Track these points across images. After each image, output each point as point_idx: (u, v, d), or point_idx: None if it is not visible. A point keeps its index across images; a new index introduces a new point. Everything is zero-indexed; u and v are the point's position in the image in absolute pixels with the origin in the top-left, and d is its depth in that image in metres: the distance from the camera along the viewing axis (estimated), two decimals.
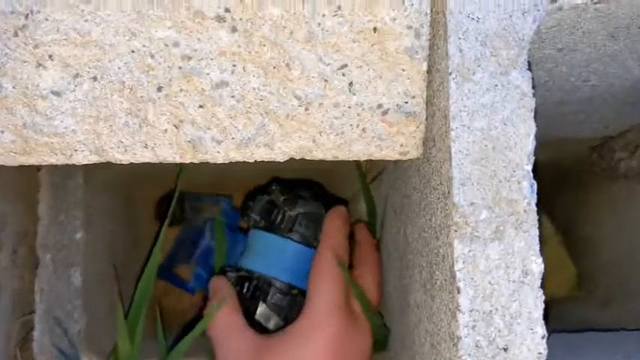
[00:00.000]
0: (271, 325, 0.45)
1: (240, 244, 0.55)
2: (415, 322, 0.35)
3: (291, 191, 0.49)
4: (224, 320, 0.43)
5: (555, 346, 0.44)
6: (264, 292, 0.45)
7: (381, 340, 0.43)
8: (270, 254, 0.47)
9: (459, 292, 0.26)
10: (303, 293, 0.44)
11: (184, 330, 0.46)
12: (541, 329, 0.26)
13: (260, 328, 0.44)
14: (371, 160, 0.51)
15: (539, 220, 0.28)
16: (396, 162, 0.41)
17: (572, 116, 0.48)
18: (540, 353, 0.26)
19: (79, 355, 0.46)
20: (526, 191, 0.27)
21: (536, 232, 0.27)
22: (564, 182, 0.66)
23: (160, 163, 0.39)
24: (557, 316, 0.60)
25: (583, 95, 0.42)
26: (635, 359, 0.41)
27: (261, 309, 0.45)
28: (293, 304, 0.45)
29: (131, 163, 0.52)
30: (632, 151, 0.53)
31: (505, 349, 0.26)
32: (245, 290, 0.46)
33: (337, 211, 0.46)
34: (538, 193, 0.27)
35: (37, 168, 0.49)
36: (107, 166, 0.52)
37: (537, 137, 0.28)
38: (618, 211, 0.59)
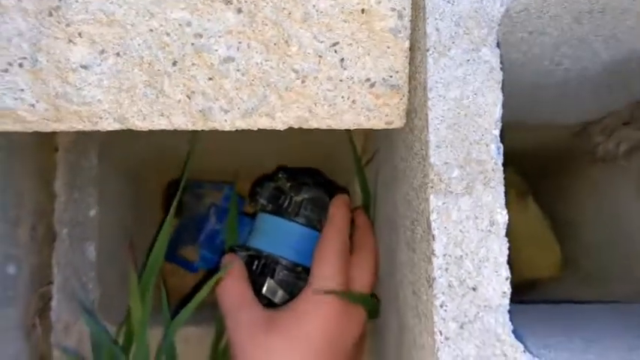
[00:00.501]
0: (277, 298, 0.48)
1: (245, 226, 0.58)
2: (400, 279, 0.38)
3: (295, 179, 0.52)
4: (235, 288, 0.46)
5: (531, 317, 0.47)
6: (272, 269, 0.48)
7: (373, 310, 0.47)
8: (278, 235, 0.50)
9: (433, 239, 0.29)
10: (306, 270, 0.47)
11: (184, 300, 0.49)
12: (505, 272, 0.29)
13: (267, 302, 0.47)
14: (366, 144, 0.55)
15: (526, 201, 0.30)
16: (385, 138, 0.45)
17: (551, 102, 0.50)
18: (504, 292, 0.29)
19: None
20: (493, 153, 0.30)
21: (502, 188, 0.30)
22: (548, 167, 0.67)
23: (171, 142, 0.41)
24: (541, 293, 0.63)
25: (558, 79, 0.44)
26: (606, 329, 0.44)
27: (269, 283, 0.48)
28: (297, 280, 0.48)
29: (143, 145, 0.55)
30: (609, 135, 0.55)
31: (474, 289, 0.29)
32: (254, 267, 0.49)
33: (341, 198, 0.49)
34: (525, 177, 0.30)
35: (55, 149, 0.52)
36: (120, 147, 0.55)
37: (518, 122, 0.30)
38: (599, 195, 0.60)
